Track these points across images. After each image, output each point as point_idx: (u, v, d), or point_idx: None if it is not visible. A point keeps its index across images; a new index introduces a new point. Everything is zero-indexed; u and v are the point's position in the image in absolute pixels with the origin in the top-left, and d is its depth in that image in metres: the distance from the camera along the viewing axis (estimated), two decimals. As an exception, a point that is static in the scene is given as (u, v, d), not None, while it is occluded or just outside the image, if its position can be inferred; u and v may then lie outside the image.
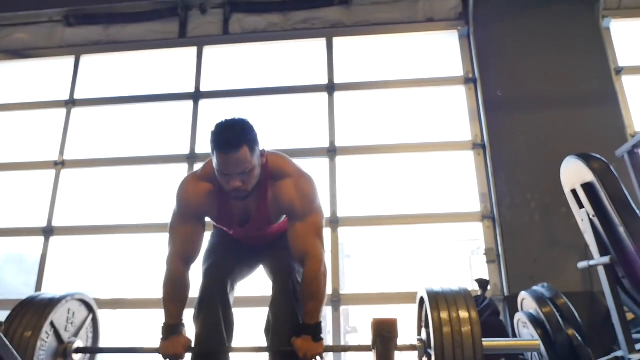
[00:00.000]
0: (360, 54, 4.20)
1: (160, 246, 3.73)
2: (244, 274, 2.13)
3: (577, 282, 3.16)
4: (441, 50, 4.14)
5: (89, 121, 4.22)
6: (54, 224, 3.84)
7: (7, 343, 1.62)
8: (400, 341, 1.61)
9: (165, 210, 3.61)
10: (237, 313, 2.08)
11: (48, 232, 3.81)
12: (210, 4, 4.36)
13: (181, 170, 3.82)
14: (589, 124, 3.55)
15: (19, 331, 1.81)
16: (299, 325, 1.86)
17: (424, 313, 1.84)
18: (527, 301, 2.56)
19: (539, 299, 2.43)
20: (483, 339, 1.63)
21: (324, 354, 1.84)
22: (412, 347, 1.83)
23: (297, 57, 4.23)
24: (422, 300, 1.86)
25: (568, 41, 3.78)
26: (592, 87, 3.67)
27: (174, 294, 1.91)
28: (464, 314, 1.64)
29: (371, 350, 1.72)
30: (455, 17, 4.11)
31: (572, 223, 2.45)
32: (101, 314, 2.31)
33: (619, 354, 2.11)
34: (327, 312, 3.53)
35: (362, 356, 3.20)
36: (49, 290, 3.67)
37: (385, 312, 3.38)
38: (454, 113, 3.91)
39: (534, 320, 2.41)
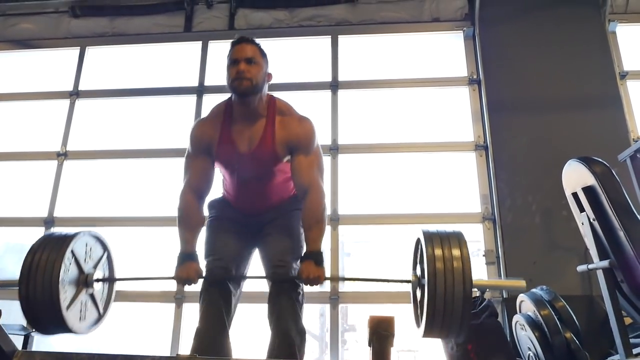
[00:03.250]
0: (365, 52, 4.20)
1: (160, 238, 3.76)
2: (245, 260, 2.14)
3: (576, 285, 3.16)
4: (446, 50, 4.13)
5: (92, 113, 4.23)
6: (55, 214, 3.85)
7: (3, 329, 1.65)
8: (396, 278, 1.72)
9: (166, 203, 3.64)
10: (240, 308, 2.11)
11: (49, 222, 3.82)
12: (217, -1, 4.36)
13: (182, 164, 3.82)
14: (592, 127, 3.55)
15: (43, 258, 1.89)
16: (303, 252, 1.98)
17: (419, 251, 1.93)
18: (525, 303, 2.56)
19: (538, 302, 2.43)
20: (474, 278, 1.75)
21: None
22: (407, 281, 1.96)
23: (302, 54, 4.23)
24: (418, 240, 1.96)
25: (573, 44, 3.78)
26: (596, 90, 3.67)
27: (187, 224, 2.02)
28: (456, 252, 1.75)
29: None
30: (461, 17, 4.11)
31: (572, 226, 2.45)
32: (108, 316, 2.32)
33: (616, 358, 2.11)
34: (325, 309, 3.54)
35: (360, 353, 3.22)
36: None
37: (383, 310, 3.38)
38: (457, 114, 3.91)
39: (532, 323, 2.42)
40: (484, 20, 3.94)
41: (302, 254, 1.98)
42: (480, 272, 3.49)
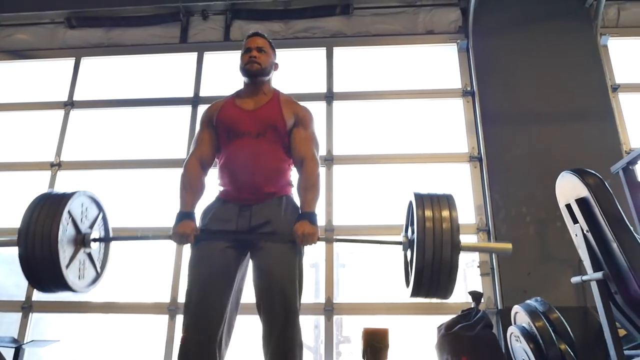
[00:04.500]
0: (359, 64, 4.23)
1: (158, 251, 3.74)
2: (234, 275, 2.05)
3: (571, 296, 3.16)
4: (440, 62, 4.17)
5: (87, 123, 4.22)
6: (49, 225, 3.81)
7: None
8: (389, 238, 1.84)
9: (163, 212, 3.63)
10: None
11: (42, 233, 3.78)
12: (212, 10, 4.39)
13: (177, 174, 3.82)
14: (585, 139, 3.58)
15: (41, 218, 1.92)
16: (299, 213, 2.08)
17: (410, 214, 1.98)
18: (520, 315, 2.56)
19: (532, 313, 2.43)
20: (462, 243, 1.78)
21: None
22: (397, 243, 2.00)
23: (297, 66, 4.25)
24: (410, 203, 2.01)
25: (566, 57, 3.82)
26: (588, 103, 3.71)
27: (189, 188, 2.13)
28: (445, 213, 1.80)
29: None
30: (455, 30, 4.16)
31: (566, 238, 2.46)
32: (94, 317, 2.28)
33: (610, 370, 2.10)
34: (320, 321, 3.52)
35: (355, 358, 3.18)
36: (40, 295, 3.65)
37: (378, 322, 3.37)
38: (452, 125, 3.93)
39: (527, 334, 2.42)
40: (478, 33, 3.98)
41: (298, 215, 2.07)
42: (475, 283, 3.49)
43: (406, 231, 2.06)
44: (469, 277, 3.64)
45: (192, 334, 1.91)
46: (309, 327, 3.67)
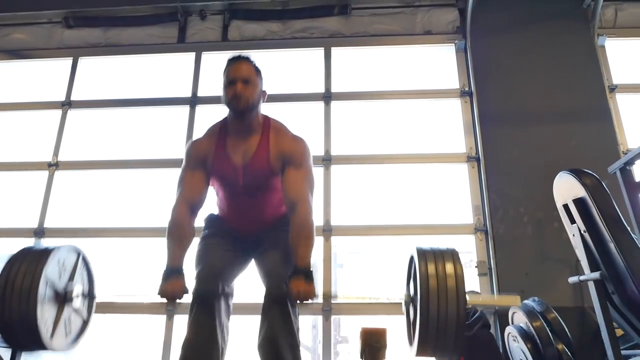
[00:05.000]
0: (357, 64, 4.23)
1: (154, 250, 3.73)
2: (235, 273, 2.13)
3: (568, 296, 3.17)
4: (438, 62, 4.17)
5: (84, 123, 4.21)
6: (46, 225, 3.81)
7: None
8: (389, 298, 1.69)
9: (159, 209, 3.62)
10: (233, 319, 2.09)
11: (39, 233, 3.78)
12: (210, 10, 4.38)
13: (176, 174, 3.81)
14: (582, 139, 3.58)
15: (17, 283, 1.81)
16: (293, 268, 1.94)
17: (412, 269, 1.90)
18: (517, 315, 2.57)
19: (530, 313, 2.43)
20: (468, 299, 1.72)
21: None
22: (399, 303, 1.94)
23: (295, 66, 4.25)
24: (411, 258, 1.93)
25: (563, 57, 3.83)
26: (586, 103, 3.71)
27: (177, 237, 2.00)
28: (450, 269, 1.72)
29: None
30: (453, 30, 4.16)
31: (563, 238, 2.45)
32: (93, 319, 2.25)
33: (607, 370, 2.10)
34: (317, 321, 3.52)
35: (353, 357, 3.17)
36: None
37: (376, 322, 3.37)
38: (449, 125, 3.94)
39: (524, 334, 2.42)
40: (476, 34, 3.99)
41: (292, 270, 1.94)
42: (472, 283, 3.49)
43: (407, 287, 1.99)
44: (467, 277, 3.64)
45: (201, 286, 1.93)
46: (307, 327, 3.67)
